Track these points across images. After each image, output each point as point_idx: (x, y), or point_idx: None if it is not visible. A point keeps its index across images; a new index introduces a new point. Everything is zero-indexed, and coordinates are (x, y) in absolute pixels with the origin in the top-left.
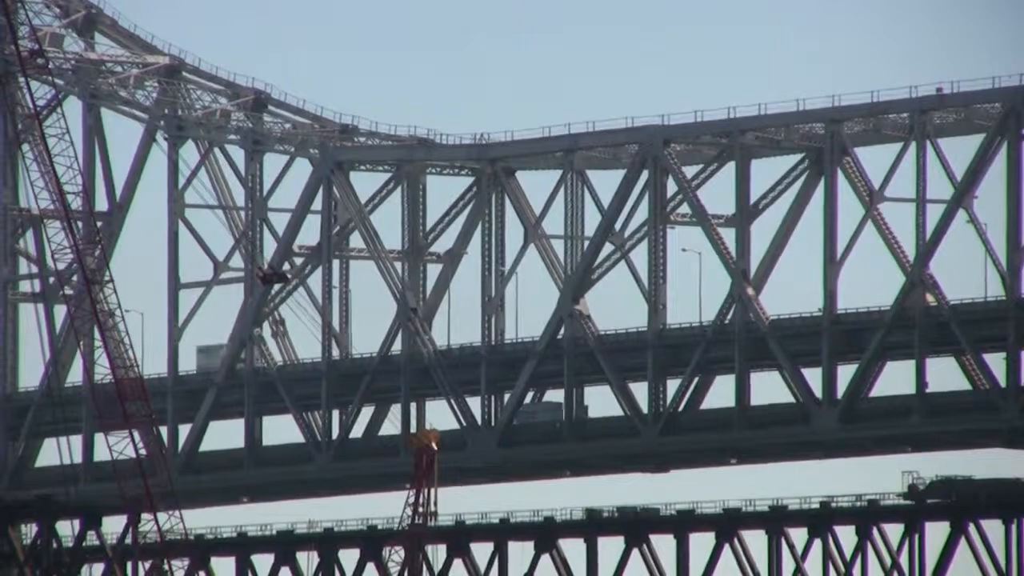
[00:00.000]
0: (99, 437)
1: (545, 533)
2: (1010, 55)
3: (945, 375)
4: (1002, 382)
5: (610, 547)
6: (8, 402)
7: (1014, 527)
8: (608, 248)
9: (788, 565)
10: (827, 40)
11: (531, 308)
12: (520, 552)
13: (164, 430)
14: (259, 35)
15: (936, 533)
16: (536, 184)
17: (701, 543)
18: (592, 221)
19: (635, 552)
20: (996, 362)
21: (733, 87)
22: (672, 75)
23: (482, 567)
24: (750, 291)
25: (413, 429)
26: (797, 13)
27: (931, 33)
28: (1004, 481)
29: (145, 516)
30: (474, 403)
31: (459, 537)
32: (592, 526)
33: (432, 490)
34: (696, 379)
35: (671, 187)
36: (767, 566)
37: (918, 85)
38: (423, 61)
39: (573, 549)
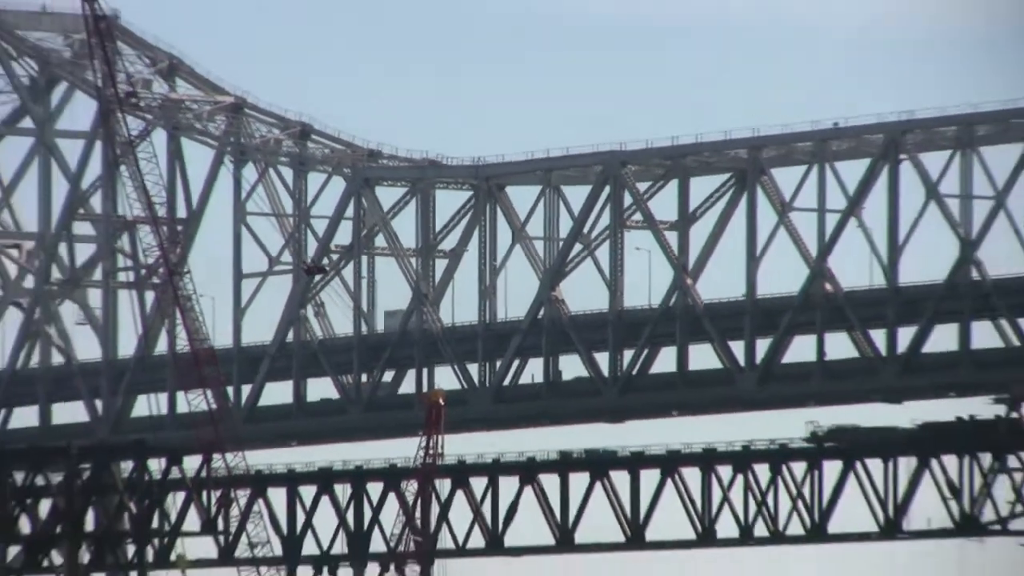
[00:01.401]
0: (180, 395)
1: (528, 470)
2: (892, 93)
3: (840, 346)
4: (883, 352)
5: (578, 481)
6: (110, 367)
7: (891, 465)
8: (578, 247)
9: (716, 495)
10: (748, 80)
11: (517, 294)
12: (508, 485)
13: (230, 389)
14: (304, 77)
15: (832, 470)
16: (521, 197)
17: (649, 478)
18: (565, 226)
19: (598, 485)
20: (879, 336)
21: (676, 120)
22: (627, 111)
23: (478, 496)
24: (688, 281)
25: (425, 389)
26: (725, 57)
27: (830, 76)
28: (884, 429)
29: (216, 456)
30: (472, 369)
31: (460, 473)
32: (564, 465)
33: (439, 437)
34: (646, 350)
35: (627, 199)
36: (700, 496)
37: (819, 119)
38: (433, 100)
39: (549, 483)
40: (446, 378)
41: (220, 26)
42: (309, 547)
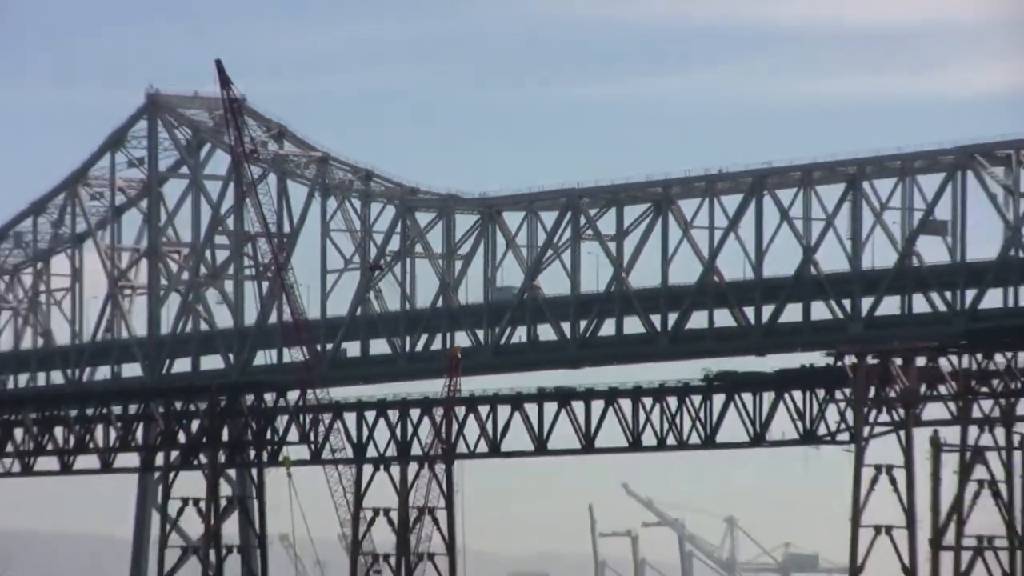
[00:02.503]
0: (286, 350)
1: (516, 401)
2: (755, 148)
3: (724, 318)
4: (752, 322)
5: (550, 408)
6: (239, 332)
7: (758, 397)
8: (550, 252)
9: (642, 417)
10: (660, 141)
11: (509, 283)
12: (503, 411)
13: (319, 346)
14: (368, 138)
15: (719, 400)
16: (512, 219)
17: (597, 406)
18: (541, 237)
19: (563, 411)
20: (750, 312)
21: (615, 168)
22: (583, 162)
23: (484, 418)
24: (624, 275)
25: (448, 346)
26: (647, 126)
27: (711, 137)
28: (753, 373)
29: (309, 391)
30: (480, 333)
31: (471, 403)
32: (541, 397)
33: (457, 379)
34: (595, 320)
35: (582, 220)
36: (631, 418)
37: (709, 167)
38: (454, 155)
39: (531, 409)
40: (462, 339)
41: (311, 106)
42: (371, 452)
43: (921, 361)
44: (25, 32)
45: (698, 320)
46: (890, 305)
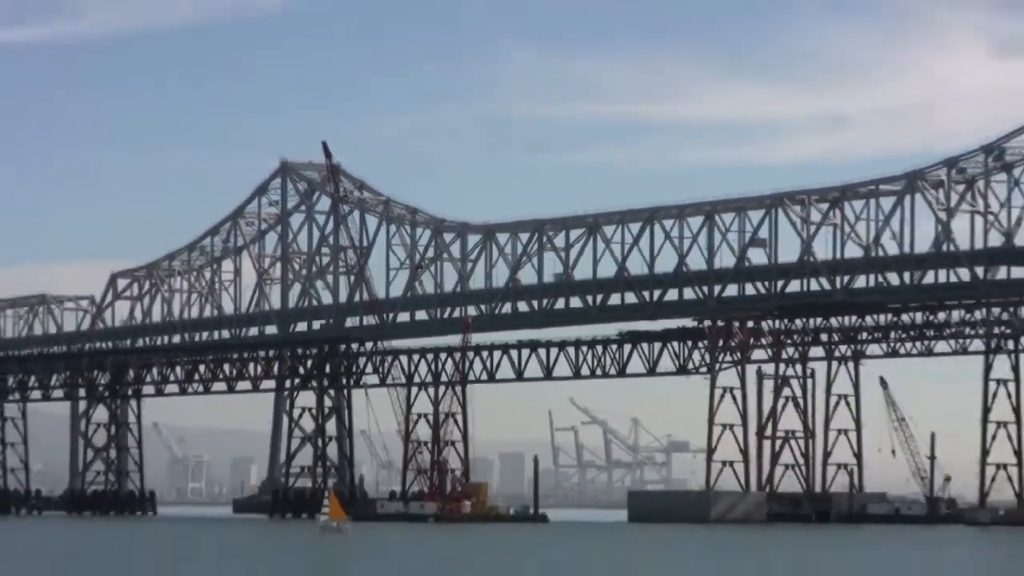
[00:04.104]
0: (366, 317)
1: (504, 348)
2: (642, 192)
3: (630, 297)
4: (648, 300)
5: (525, 352)
6: (335, 306)
7: (654, 345)
8: (524, 259)
9: (580, 359)
10: (589, 187)
11: (500, 277)
12: (496, 355)
13: (386, 315)
14: (415, 187)
15: (627, 348)
16: (503, 239)
17: (553, 352)
18: (519, 249)
19: (533, 355)
20: (646, 295)
21: (564, 204)
22: (544, 200)
23: (485, 359)
24: (570, 271)
25: (462, 315)
26: (592, 179)
27: (620, 184)
28: (650, 331)
29: (379, 342)
30: (483, 307)
31: (476, 350)
32: (519, 346)
33: (469, 335)
34: (552, 299)
35: (544, 239)
36: (576, 359)
37: (621, 206)
38: (467, 196)
39: (515, 353)
40: (472, 311)
41: (380, 167)
42: (416, 379)
43: (751, 324)
44: (207, 112)
45: (615, 299)
46: (731, 290)
